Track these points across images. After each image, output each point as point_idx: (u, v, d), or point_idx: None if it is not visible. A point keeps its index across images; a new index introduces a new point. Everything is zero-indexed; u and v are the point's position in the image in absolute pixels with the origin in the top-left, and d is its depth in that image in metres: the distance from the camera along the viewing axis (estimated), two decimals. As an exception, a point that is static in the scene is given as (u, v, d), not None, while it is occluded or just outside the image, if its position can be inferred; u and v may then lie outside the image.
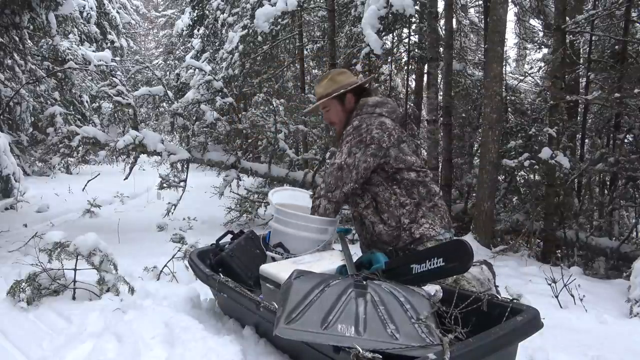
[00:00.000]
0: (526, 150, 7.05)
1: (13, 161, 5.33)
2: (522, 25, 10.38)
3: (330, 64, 8.91)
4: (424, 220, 2.33)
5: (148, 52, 30.85)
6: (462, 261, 1.86)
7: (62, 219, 7.56)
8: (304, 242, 2.48)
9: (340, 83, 2.47)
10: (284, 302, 1.69)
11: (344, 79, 2.50)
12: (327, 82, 2.50)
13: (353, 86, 2.48)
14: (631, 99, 6.66)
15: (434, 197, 2.40)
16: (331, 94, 2.46)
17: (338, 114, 2.51)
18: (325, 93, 2.48)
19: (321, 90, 2.52)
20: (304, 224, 2.51)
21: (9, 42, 7.21)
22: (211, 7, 10.84)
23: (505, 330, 1.65)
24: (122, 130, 7.90)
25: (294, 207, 2.72)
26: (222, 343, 2.10)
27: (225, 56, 8.98)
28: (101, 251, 3.13)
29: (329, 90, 2.48)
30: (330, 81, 2.49)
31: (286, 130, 7.59)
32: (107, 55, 9.24)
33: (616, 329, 3.30)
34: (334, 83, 2.48)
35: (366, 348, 1.52)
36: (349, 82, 2.49)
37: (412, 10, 6.47)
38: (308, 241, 2.49)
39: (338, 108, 2.50)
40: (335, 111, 2.51)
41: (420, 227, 2.31)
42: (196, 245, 4.06)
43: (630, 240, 6.90)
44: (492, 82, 5.96)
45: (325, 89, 2.49)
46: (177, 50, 19.46)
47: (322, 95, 2.50)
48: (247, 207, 7.49)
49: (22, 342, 2.47)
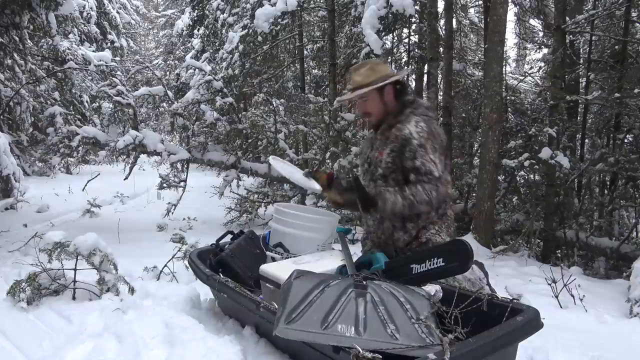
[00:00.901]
0: (526, 150, 7.05)
1: (13, 161, 5.32)
2: (522, 25, 10.38)
3: (330, 64, 8.91)
4: (432, 226, 2.32)
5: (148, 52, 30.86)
6: (462, 261, 1.86)
7: (62, 219, 7.56)
8: (304, 242, 2.48)
9: (381, 73, 2.35)
10: (284, 302, 1.69)
11: (383, 69, 2.39)
12: (367, 70, 2.37)
13: (394, 79, 2.36)
14: (631, 99, 6.66)
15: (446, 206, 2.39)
16: (373, 85, 2.32)
17: (376, 106, 2.37)
18: (366, 82, 2.34)
19: (360, 79, 2.37)
20: (303, 223, 2.51)
21: (9, 42, 7.20)
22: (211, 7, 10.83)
23: (505, 330, 1.65)
24: (122, 130, 7.90)
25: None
26: (222, 343, 2.10)
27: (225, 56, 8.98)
28: (101, 251, 3.12)
29: (369, 79, 2.34)
30: (370, 70, 2.36)
31: (286, 130, 7.59)
32: (107, 55, 9.24)
33: (616, 329, 3.30)
34: (374, 73, 2.35)
35: (366, 348, 1.52)
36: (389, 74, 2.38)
37: (412, 10, 6.47)
38: (308, 241, 2.49)
39: (377, 100, 2.36)
40: (373, 102, 2.37)
41: (427, 232, 2.31)
42: (196, 245, 4.06)
43: (630, 240, 6.90)
44: (492, 82, 5.96)
45: (366, 77, 2.35)
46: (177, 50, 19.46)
47: (361, 84, 2.35)
48: (247, 207, 7.49)
49: (22, 342, 2.47)
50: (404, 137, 2.22)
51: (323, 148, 7.98)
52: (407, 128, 2.23)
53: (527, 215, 7.25)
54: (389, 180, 2.27)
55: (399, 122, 2.30)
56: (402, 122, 2.28)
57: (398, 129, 2.26)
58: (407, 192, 2.18)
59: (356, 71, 2.41)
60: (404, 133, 2.22)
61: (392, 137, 2.28)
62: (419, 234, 2.31)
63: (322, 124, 8.17)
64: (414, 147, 2.19)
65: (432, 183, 2.17)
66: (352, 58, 9.35)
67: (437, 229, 2.32)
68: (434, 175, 2.17)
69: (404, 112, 2.33)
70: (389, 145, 2.28)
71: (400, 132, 2.24)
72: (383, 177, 2.29)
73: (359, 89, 2.35)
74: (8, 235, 5.86)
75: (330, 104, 7.54)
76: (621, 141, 7.43)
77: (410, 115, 2.30)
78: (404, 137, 2.22)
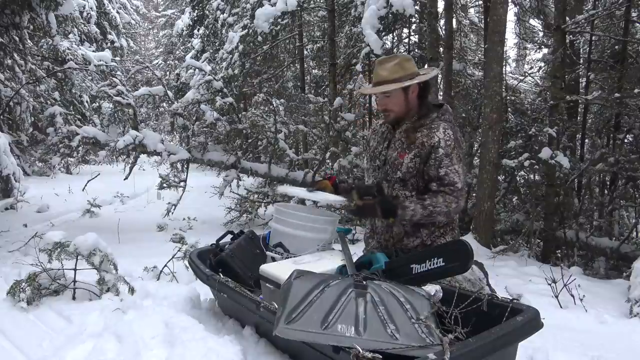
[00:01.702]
0: (526, 150, 7.05)
1: (13, 161, 5.32)
2: (522, 25, 10.38)
3: (330, 64, 8.91)
4: (438, 230, 2.31)
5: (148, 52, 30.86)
6: (462, 261, 1.87)
7: (62, 219, 7.56)
8: (304, 242, 2.48)
9: (408, 71, 2.23)
10: (284, 302, 1.69)
11: (411, 67, 2.26)
12: (394, 66, 2.24)
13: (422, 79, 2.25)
14: (631, 99, 6.66)
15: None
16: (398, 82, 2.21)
17: (399, 104, 2.26)
18: (392, 78, 2.22)
19: (386, 74, 2.24)
20: (304, 223, 2.51)
21: (9, 42, 7.20)
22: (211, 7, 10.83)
23: (505, 330, 1.65)
24: (122, 130, 7.90)
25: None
26: (222, 343, 2.10)
27: (225, 56, 8.98)
28: (101, 251, 3.13)
29: (395, 76, 2.22)
30: (398, 66, 2.23)
31: (286, 130, 7.59)
32: (107, 55, 9.24)
33: (616, 329, 3.31)
34: (402, 69, 2.22)
35: (366, 348, 1.52)
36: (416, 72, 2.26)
37: (412, 10, 6.47)
38: (308, 241, 2.49)
39: (401, 97, 2.25)
40: (397, 100, 2.25)
41: (432, 234, 2.30)
42: (196, 245, 4.06)
43: (630, 240, 6.90)
44: (492, 82, 5.96)
45: (392, 73, 2.22)
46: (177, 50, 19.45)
47: (387, 79, 2.23)
48: (247, 207, 7.49)
49: (22, 342, 2.48)
50: (432, 144, 2.15)
51: (323, 148, 7.98)
52: (436, 135, 2.15)
53: (527, 215, 7.25)
54: (408, 184, 2.23)
55: (424, 126, 2.22)
56: (429, 127, 2.20)
57: (426, 136, 2.18)
58: (427, 202, 2.13)
59: (382, 65, 2.28)
60: (433, 141, 2.15)
61: (418, 142, 2.19)
62: (427, 238, 2.30)
63: (322, 124, 8.17)
64: (440, 155, 2.13)
65: (454, 195, 2.13)
66: (352, 58, 9.34)
67: (443, 231, 2.31)
68: (456, 186, 2.13)
69: (430, 115, 2.25)
70: (413, 149, 2.20)
71: (429, 140, 2.16)
72: (402, 181, 2.24)
73: (383, 84, 2.25)
74: (8, 235, 5.86)
75: (330, 104, 7.54)
76: (621, 141, 7.43)
77: (437, 121, 2.22)
78: (432, 145, 2.15)
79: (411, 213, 2.14)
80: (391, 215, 2.17)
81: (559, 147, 6.63)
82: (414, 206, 2.14)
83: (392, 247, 2.33)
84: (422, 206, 2.13)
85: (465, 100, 9.76)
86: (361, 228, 5.99)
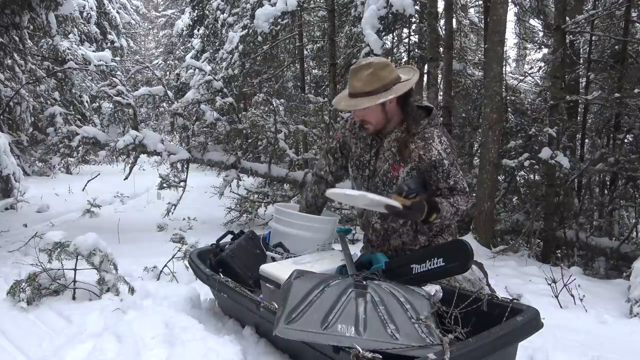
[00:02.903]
0: (526, 150, 7.05)
1: (13, 161, 5.32)
2: (522, 25, 10.38)
3: (330, 64, 8.91)
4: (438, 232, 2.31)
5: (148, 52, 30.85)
6: (462, 261, 1.87)
7: (62, 219, 7.56)
8: (304, 242, 2.48)
9: (384, 80, 2.04)
10: (284, 302, 1.69)
11: (387, 74, 2.06)
12: (368, 76, 2.04)
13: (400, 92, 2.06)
14: (631, 99, 6.67)
15: None
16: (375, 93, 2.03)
17: (376, 116, 2.11)
18: (366, 91, 2.04)
19: (360, 85, 2.05)
20: (304, 223, 2.50)
21: (9, 42, 7.20)
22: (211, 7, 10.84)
23: (505, 330, 1.65)
24: (122, 130, 7.90)
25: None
26: (222, 343, 2.10)
27: (225, 56, 8.98)
28: (101, 251, 3.12)
29: (370, 88, 2.03)
30: (372, 76, 2.03)
31: (286, 130, 7.59)
32: (107, 55, 9.24)
33: (616, 329, 3.31)
34: (377, 79, 2.03)
35: (366, 348, 1.52)
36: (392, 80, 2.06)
37: (412, 10, 6.47)
38: (308, 241, 2.49)
39: (378, 109, 2.08)
40: (374, 112, 2.10)
41: (433, 238, 2.29)
42: (196, 245, 4.06)
43: (630, 240, 6.91)
44: (492, 82, 5.97)
45: (366, 84, 2.04)
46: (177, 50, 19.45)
47: (362, 91, 2.05)
48: (247, 207, 7.49)
49: (22, 342, 2.47)
50: (433, 159, 2.07)
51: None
52: (433, 148, 2.07)
53: (527, 215, 7.26)
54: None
55: (416, 136, 2.10)
56: (422, 136, 2.10)
57: (422, 148, 2.08)
58: (451, 200, 2.08)
59: (355, 75, 2.08)
60: (433, 155, 2.07)
61: (414, 155, 2.09)
62: (426, 242, 2.30)
63: (322, 124, 8.17)
64: (447, 168, 2.08)
65: (467, 195, 2.14)
66: (352, 58, 9.34)
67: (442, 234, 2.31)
68: (466, 190, 2.14)
69: (420, 122, 2.13)
70: (409, 163, 2.10)
71: (427, 153, 2.07)
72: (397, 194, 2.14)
73: (357, 96, 2.07)
74: (8, 235, 5.86)
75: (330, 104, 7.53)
76: (621, 141, 7.43)
77: (428, 128, 2.12)
78: (433, 160, 2.07)
79: (447, 209, 2.05)
80: (435, 210, 2.02)
81: (559, 147, 6.63)
82: (445, 202, 2.05)
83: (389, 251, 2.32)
84: (449, 203, 2.06)
85: (465, 100, 9.77)
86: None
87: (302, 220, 2.51)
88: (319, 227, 2.51)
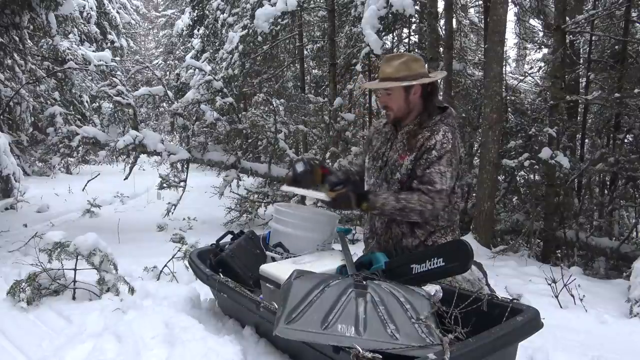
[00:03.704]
0: (526, 150, 7.05)
1: (13, 161, 5.33)
2: (522, 25, 10.38)
3: (330, 64, 8.91)
4: (439, 230, 2.31)
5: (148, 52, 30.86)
6: (462, 261, 1.86)
7: (62, 219, 7.56)
8: (303, 242, 2.48)
9: (413, 72, 2.21)
10: (284, 302, 1.69)
11: (417, 67, 2.24)
12: (400, 64, 2.22)
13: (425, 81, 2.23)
14: (631, 99, 6.67)
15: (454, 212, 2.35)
16: (401, 81, 2.20)
17: (399, 103, 2.25)
18: (394, 77, 2.21)
19: (391, 70, 2.22)
20: (303, 223, 2.51)
21: (9, 42, 7.20)
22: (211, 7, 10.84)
23: (505, 330, 1.65)
24: (122, 130, 7.90)
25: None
26: (222, 343, 2.10)
27: (225, 56, 8.98)
28: (101, 251, 3.13)
29: (398, 74, 2.20)
30: (403, 65, 2.22)
31: (286, 130, 7.59)
32: (107, 55, 9.24)
33: (616, 329, 3.31)
34: (407, 69, 2.21)
35: (366, 348, 1.52)
36: (421, 73, 2.24)
37: (412, 10, 6.47)
38: (308, 241, 2.48)
39: (402, 97, 2.24)
40: (397, 98, 2.25)
41: (434, 235, 2.29)
42: (196, 245, 4.06)
43: (630, 240, 6.91)
44: (492, 82, 5.97)
45: (396, 71, 2.21)
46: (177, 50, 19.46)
47: (390, 77, 2.22)
48: (247, 207, 7.49)
49: (22, 342, 2.48)
50: (428, 145, 2.15)
51: (323, 148, 7.98)
52: (434, 138, 2.15)
53: (527, 215, 7.26)
54: (405, 186, 2.22)
55: (426, 129, 2.21)
56: (431, 129, 2.20)
57: (427, 138, 2.18)
58: (401, 196, 2.14)
59: (388, 62, 2.26)
60: (430, 143, 2.15)
61: (419, 144, 2.19)
62: (426, 239, 2.30)
63: (322, 124, 8.17)
64: (432, 157, 2.13)
65: (430, 195, 2.11)
66: (352, 58, 9.35)
67: (443, 232, 2.31)
68: (435, 187, 2.11)
69: (433, 118, 2.24)
70: (414, 152, 2.19)
71: (427, 141, 2.16)
72: (400, 183, 2.22)
73: (386, 80, 2.24)
74: (8, 235, 5.86)
75: (330, 104, 7.54)
76: (621, 141, 7.44)
77: (439, 124, 2.21)
78: (428, 146, 2.15)
79: (382, 201, 2.14)
80: (364, 199, 2.18)
81: (559, 147, 6.63)
82: (387, 196, 2.16)
83: (392, 248, 2.33)
84: (396, 199, 2.13)
85: (465, 100, 9.76)
86: (361, 228, 5.99)
87: (302, 220, 2.51)
88: (319, 227, 2.51)
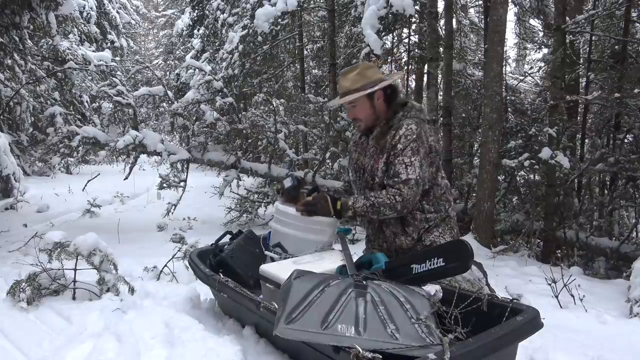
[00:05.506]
0: (526, 150, 7.05)
1: (13, 161, 5.33)
2: (522, 25, 10.39)
3: (330, 64, 8.91)
4: (435, 228, 2.32)
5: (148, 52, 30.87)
6: (462, 261, 1.86)
7: (62, 219, 7.56)
8: (303, 243, 2.48)
9: (369, 79, 2.30)
10: (284, 302, 1.69)
11: (373, 74, 2.33)
12: (355, 75, 2.32)
13: (384, 84, 2.31)
14: (631, 99, 6.67)
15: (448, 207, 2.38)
16: (360, 91, 2.28)
17: (365, 112, 2.34)
18: (354, 88, 2.30)
19: (348, 84, 2.33)
20: (303, 224, 2.50)
21: (9, 42, 7.20)
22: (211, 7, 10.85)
23: (505, 330, 1.65)
24: (122, 130, 7.90)
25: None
26: (222, 343, 2.10)
27: (225, 56, 8.99)
28: (101, 251, 3.12)
29: (357, 85, 2.30)
30: (358, 75, 2.31)
31: (286, 130, 7.59)
32: (107, 55, 9.25)
33: (616, 329, 3.30)
34: (362, 78, 2.30)
35: (366, 348, 1.52)
36: (378, 79, 2.33)
37: (412, 10, 6.47)
38: (307, 242, 2.48)
39: (367, 105, 2.32)
40: (363, 108, 2.33)
41: (430, 234, 2.30)
42: (196, 245, 4.06)
43: (630, 240, 6.90)
44: (492, 82, 5.96)
45: (353, 83, 2.31)
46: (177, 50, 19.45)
47: (349, 90, 2.32)
48: (247, 207, 7.49)
49: (22, 342, 2.47)
50: (393, 142, 2.22)
51: (323, 148, 7.97)
52: (398, 134, 2.22)
53: (527, 215, 7.25)
54: None
55: (391, 128, 2.28)
56: (396, 127, 2.26)
57: (392, 136, 2.25)
58: (371, 194, 2.22)
59: (344, 76, 2.36)
60: (395, 140, 2.22)
61: (388, 145, 2.25)
62: (422, 237, 2.31)
63: (322, 124, 8.17)
64: (398, 151, 2.20)
65: (397, 187, 2.16)
66: (352, 58, 9.35)
67: (441, 231, 2.32)
68: (400, 177, 2.16)
69: (396, 116, 2.31)
70: (385, 153, 2.26)
71: (392, 140, 2.23)
72: (380, 186, 2.27)
73: (347, 94, 2.33)
74: (8, 235, 5.86)
75: (330, 104, 7.51)
76: (621, 141, 7.43)
77: (402, 119, 2.28)
78: (393, 144, 2.22)
79: (353, 200, 2.25)
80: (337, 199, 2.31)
81: (559, 147, 6.62)
82: (358, 196, 2.29)
83: (386, 249, 2.37)
84: (365, 197, 2.23)
85: (465, 100, 9.77)
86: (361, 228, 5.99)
87: (302, 221, 2.49)
88: (319, 227, 2.50)
